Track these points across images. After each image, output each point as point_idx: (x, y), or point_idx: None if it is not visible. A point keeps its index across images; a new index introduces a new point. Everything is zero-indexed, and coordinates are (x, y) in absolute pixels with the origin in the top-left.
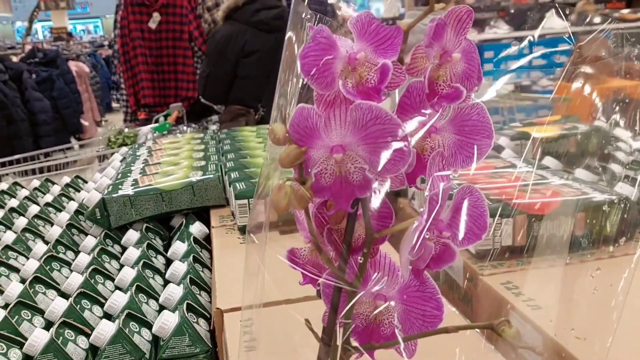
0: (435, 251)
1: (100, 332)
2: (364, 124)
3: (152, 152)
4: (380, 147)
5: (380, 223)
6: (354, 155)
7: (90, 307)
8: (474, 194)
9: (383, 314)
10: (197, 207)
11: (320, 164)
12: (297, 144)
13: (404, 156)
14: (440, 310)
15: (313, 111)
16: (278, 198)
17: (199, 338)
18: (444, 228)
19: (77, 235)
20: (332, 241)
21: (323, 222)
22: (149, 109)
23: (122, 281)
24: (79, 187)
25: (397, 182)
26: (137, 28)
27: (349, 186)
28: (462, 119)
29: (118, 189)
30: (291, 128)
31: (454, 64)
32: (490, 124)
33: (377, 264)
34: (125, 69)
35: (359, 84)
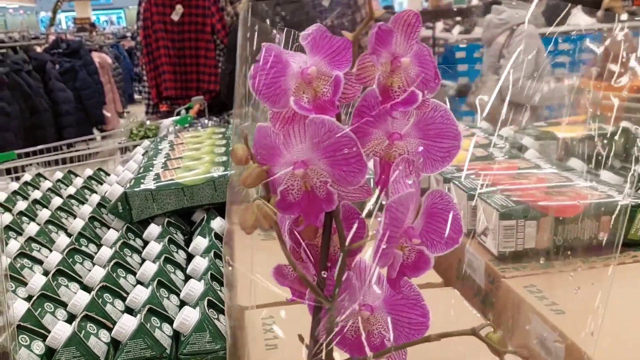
0: (410, 258)
1: (122, 326)
2: (319, 138)
3: (174, 146)
4: (338, 159)
5: (355, 235)
6: (317, 170)
7: (112, 300)
8: (445, 198)
9: (371, 324)
10: (219, 203)
11: (286, 180)
12: (260, 163)
13: (362, 167)
14: (426, 317)
15: (270, 129)
16: (245, 218)
17: (220, 334)
18: (414, 235)
19: (100, 228)
20: (309, 257)
21: (298, 239)
22: (171, 101)
23: (143, 275)
24: (101, 180)
25: (365, 193)
26: (160, 20)
27: (316, 200)
28: (426, 123)
29: (140, 183)
30: (254, 147)
31: (406, 69)
32: (455, 126)
33: (360, 275)
34: (148, 61)
35: (315, 98)
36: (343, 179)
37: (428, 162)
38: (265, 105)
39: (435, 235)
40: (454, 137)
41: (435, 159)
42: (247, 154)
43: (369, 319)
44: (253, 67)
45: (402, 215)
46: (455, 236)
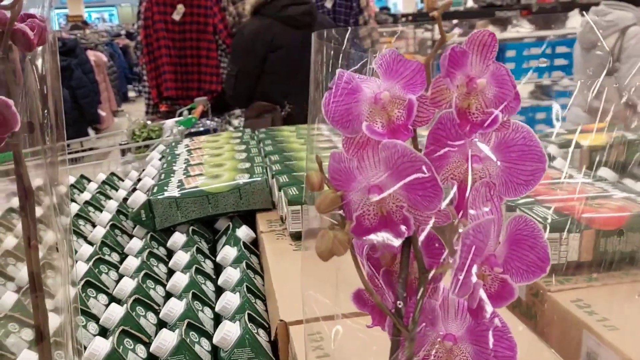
0: (493, 287)
1: (162, 342)
2: (394, 162)
3: (191, 151)
4: (413, 184)
5: (434, 260)
6: (393, 194)
7: (145, 314)
8: (529, 224)
9: (455, 355)
10: (243, 210)
11: (362, 205)
12: (335, 188)
13: (438, 192)
14: (513, 351)
15: (344, 155)
16: (320, 245)
17: (262, 350)
18: (495, 263)
19: (121, 236)
20: (388, 284)
21: (377, 265)
22: (172, 101)
23: (174, 287)
24: (115, 185)
25: (443, 217)
26: (161, 19)
27: (393, 225)
28: (507, 145)
29: (164, 190)
30: (329, 173)
31: (482, 90)
32: (539, 148)
33: (443, 303)
34: (148, 61)
35: (389, 122)
36: (419, 204)
37: (510, 186)
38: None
39: (520, 263)
40: (538, 160)
41: (519, 183)
42: (321, 180)
43: (452, 349)
44: (326, 94)
45: (481, 242)
46: (542, 264)
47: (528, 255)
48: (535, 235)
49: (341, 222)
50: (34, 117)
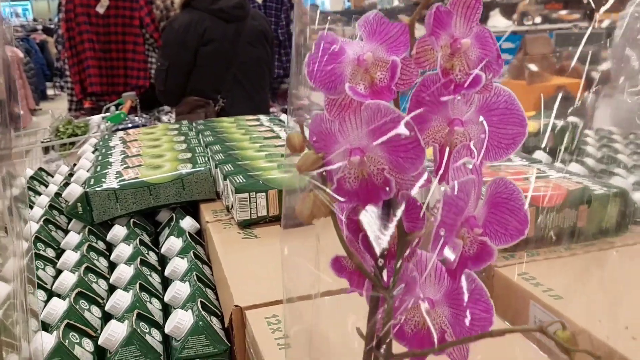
0: (472, 249)
1: (111, 334)
2: (376, 123)
3: (127, 143)
4: (395, 146)
5: (414, 224)
6: (374, 157)
7: (89, 307)
8: (509, 187)
9: (432, 318)
10: (186, 202)
11: (342, 169)
12: (316, 151)
13: (420, 153)
14: (490, 313)
15: (326, 117)
16: (302, 208)
17: (217, 337)
18: (475, 225)
19: (55, 231)
20: (367, 247)
21: (356, 229)
22: (96, 97)
23: (119, 280)
24: (45, 181)
25: (425, 181)
26: (84, 12)
27: (374, 188)
28: (489, 109)
29: (101, 182)
30: (310, 135)
31: (466, 51)
32: (521, 111)
33: (421, 267)
34: (71, 55)
35: (372, 84)
36: (401, 166)
37: (491, 150)
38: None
39: (499, 227)
40: (519, 124)
41: (499, 147)
42: (302, 141)
43: (429, 313)
44: (308, 55)
45: (462, 202)
46: (521, 227)
47: (507, 218)
48: (514, 198)
49: (322, 184)
50: None
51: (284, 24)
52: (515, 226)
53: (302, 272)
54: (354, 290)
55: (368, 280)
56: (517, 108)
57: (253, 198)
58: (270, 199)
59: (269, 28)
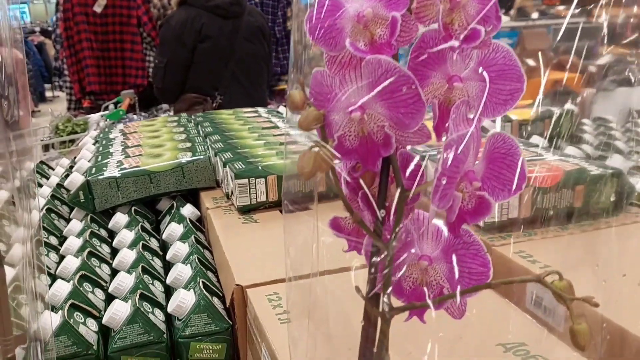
0: (471, 203)
1: (115, 312)
2: (377, 79)
3: (127, 135)
4: (395, 101)
5: (412, 182)
6: (374, 114)
7: (93, 290)
8: (507, 142)
9: (430, 275)
10: (185, 190)
11: (343, 126)
12: (317, 109)
13: (420, 108)
14: (487, 267)
15: (326, 73)
16: (302, 164)
17: (219, 315)
18: (474, 178)
19: (58, 220)
20: (367, 205)
21: (356, 187)
22: (95, 96)
23: (122, 263)
24: (46, 174)
25: (424, 137)
26: (82, 12)
27: (373, 146)
28: (487, 65)
29: (102, 171)
30: (310, 93)
31: (465, 6)
32: (519, 67)
33: (419, 225)
34: (69, 55)
35: (372, 41)
36: (401, 122)
37: (489, 105)
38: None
39: (496, 182)
40: (517, 79)
41: (497, 102)
42: (303, 99)
43: (426, 269)
44: (309, 12)
45: (463, 154)
46: (519, 182)
47: (504, 173)
48: (512, 153)
49: (323, 139)
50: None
51: (280, 21)
52: (512, 181)
53: (303, 249)
54: (353, 249)
55: (367, 238)
56: (515, 64)
57: (252, 184)
58: (269, 185)
59: (266, 24)
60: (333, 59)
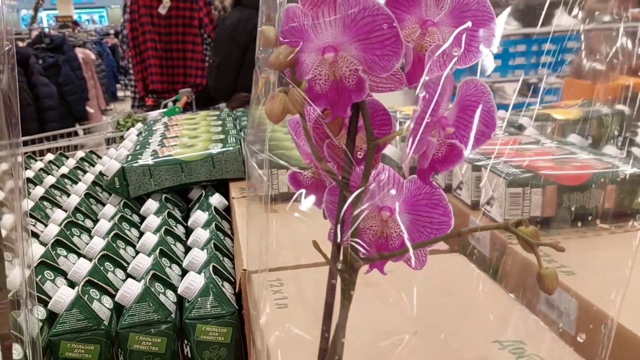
0: (441, 151)
1: (126, 290)
2: (352, 18)
3: (168, 127)
4: (371, 42)
5: (380, 131)
6: (347, 56)
7: (113, 269)
8: (479, 88)
9: (390, 227)
10: (216, 180)
11: (313, 69)
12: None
13: (398, 49)
14: (449, 216)
15: (299, 10)
16: (272, 106)
17: (225, 299)
18: (447, 124)
19: (95, 205)
20: (333, 154)
21: (322, 136)
22: (157, 95)
23: (144, 246)
24: (93, 162)
25: (396, 82)
26: (147, 13)
27: (344, 91)
28: (461, 10)
29: (137, 159)
30: (281, 31)
31: None
32: (491, 12)
33: (379, 175)
34: (134, 54)
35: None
36: (376, 65)
37: (463, 52)
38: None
39: (465, 131)
40: (490, 26)
41: (470, 50)
42: (276, 35)
43: (386, 221)
44: None
45: (440, 98)
46: (487, 131)
47: (474, 121)
48: (484, 100)
49: (293, 81)
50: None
51: None
52: (482, 130)
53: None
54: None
55: (327, 192)
56: (488, 9)
57: (274, 175)
58: None
59: None
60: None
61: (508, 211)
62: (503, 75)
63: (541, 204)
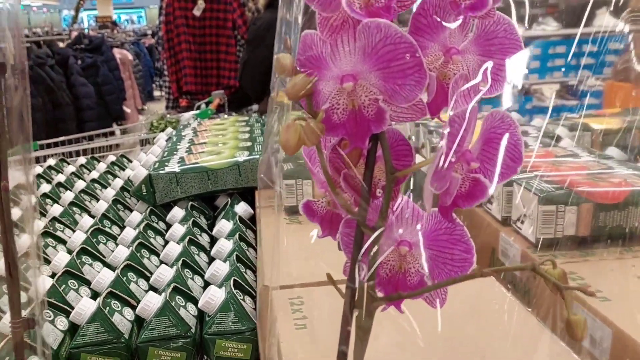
0: (464, 187)
1: (147, 303)
2: (373, 46)
3: (197, 133)
4: (393, 71)
5: (400, 162)
6: (366, 85)
7: (136, 280)
8: (506, 121)
9: (409, 262)
10: (242, 188)
11: (331, 98)
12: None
13: (421, 79)
14: (471, 253)
15: (317, 37)
16: (287, 136)
17: (246, 315)
18: (471, 159)
19: (123, 211)
20: (350, 186)
21: (339, 167)
22: (191, 96)
23: (167, 256)
24: (124, 166)
25: (418, 113)
26: (182, 15)
27: (363, 121)
28: (487, 38)
29: (164, 166)
30: (297, 59)
31: None
32: (519, 41)
33: (398, 208)
34: (169, 56)
35: (368, 3)
36: (397, 94)
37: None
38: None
39: (490, 164)
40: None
41: (496, 79)
42: (294, 64)
43: (405, 256)
44: None
45: (465, 132)
46: (513, 165)
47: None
48: (511, 133)
49: (310, 111)
50: None
51: None
52: (508, 164)
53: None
54: (325, 236)
55: (343, 224)
56: (517, 37)
57: (299, 185)
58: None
59: None
60: (325, 20)
61: (540, 229)
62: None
63: (576, 222)
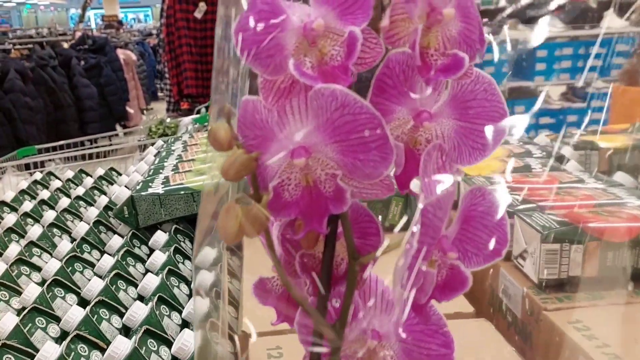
0: (441, 277)
1: (114, 350)
2: (328, 116)
3: (187, 147)
4: (353, 144)
5: (365, 242)
6: (323, 159)
7: (109, 317)
8: (487, 198)
9: (378, 356)
10: None
11: (280, 173)
12: (247, 150)
13: (387, 155)
14: (450, 348)
15: (261, 104)
16: (226, 223)
17: None
18: (448, 247)
19: (105, 233)
20: (306, 272)
21: (292, 249)
22: (192, 99)
23: (144, 289)
24: (112, 180)
25: (384, 189)
26: (183, 17)
27: (320, 198)
28: (465, 100)
29: (148, 187)
30: (238, 128)
31: (446, 25)
32: (502, 102)
33: (368, 291)
34: (170, 58)
35: (321, 62)
36: (359, 170)
37: (465, 150)
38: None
39: (470, 246)
40: (500, 118)
41: (475, 147)
42: (230, 137)
43: (374, 349)
44: (239, 19)
45: (440, 222)
46: (498, 247)
47: (481, 235)
48: (492, 212)
49: (255, 194)
50: None
51: None
52: (488, 244)
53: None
54: (281, 323)
55: (300, 312)
56: (498, 99)
57: None
58: None
59: None
60: (270, 84)
61: (543, 269)
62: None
63: (582, 262)
